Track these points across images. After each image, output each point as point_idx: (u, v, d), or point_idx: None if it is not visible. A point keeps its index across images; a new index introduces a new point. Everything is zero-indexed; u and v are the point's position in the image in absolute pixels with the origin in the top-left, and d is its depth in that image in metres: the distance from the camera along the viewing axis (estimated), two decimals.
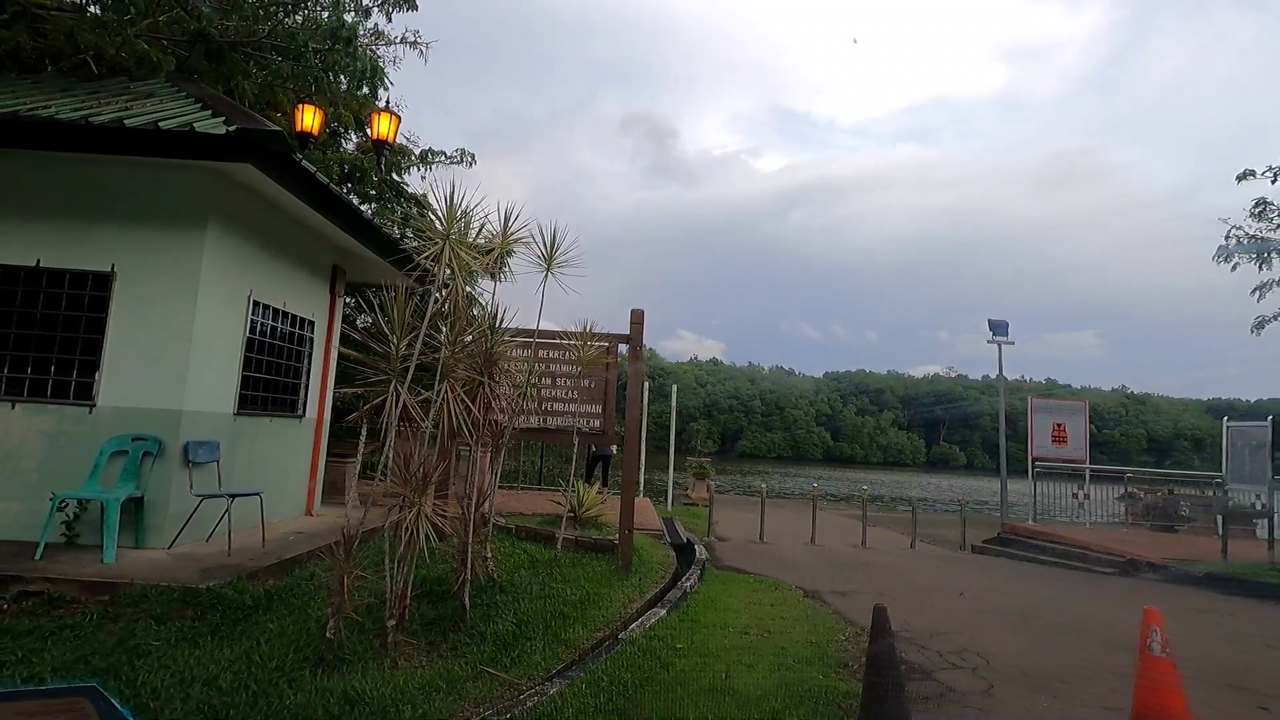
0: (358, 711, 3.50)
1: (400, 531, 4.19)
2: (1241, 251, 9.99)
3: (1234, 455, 12.32)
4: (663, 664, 4.57)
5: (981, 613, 7.14)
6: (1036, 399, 15.44)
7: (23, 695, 1.06)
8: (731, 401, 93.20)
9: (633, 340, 7.61)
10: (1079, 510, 14.63)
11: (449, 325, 4.61)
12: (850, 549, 12.11)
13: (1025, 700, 4.30)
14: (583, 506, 8.75)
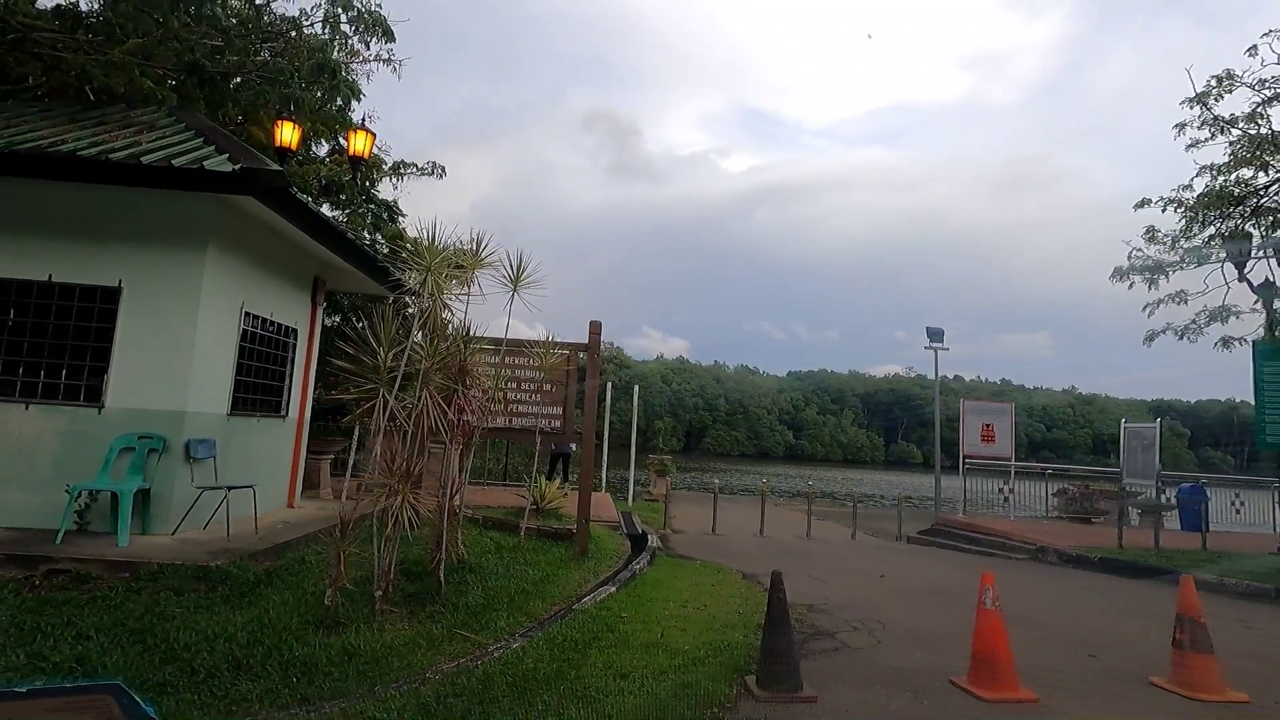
0: (354, 662, 4.29)
1: (388, 516, 4.97)
2: (1133, 272, 11.28)
3: (1129, 453, 13.71)
4: (609, 628, 5.43)
5: (895, 591, 8.15)
6: (968, 401, 16.71)
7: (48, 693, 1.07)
8: (696, 400, 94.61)
9: (591, 348, 8.45)
10: (1004, 504, 15.95)
11: (428, 340, 5.39)
12: (796, 540, 13.11)
13: (902, 651, 5.27)
14: (544, 500, 9.55)
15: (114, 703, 1.05)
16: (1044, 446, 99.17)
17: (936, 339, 16.56)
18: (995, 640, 4.39)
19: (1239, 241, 11.36)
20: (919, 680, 4.61)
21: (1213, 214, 10.93)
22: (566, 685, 4.14)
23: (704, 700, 3.98)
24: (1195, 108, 10.11)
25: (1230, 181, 10.55)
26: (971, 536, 13.81)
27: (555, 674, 4.30)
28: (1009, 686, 4.29)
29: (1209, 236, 11.08)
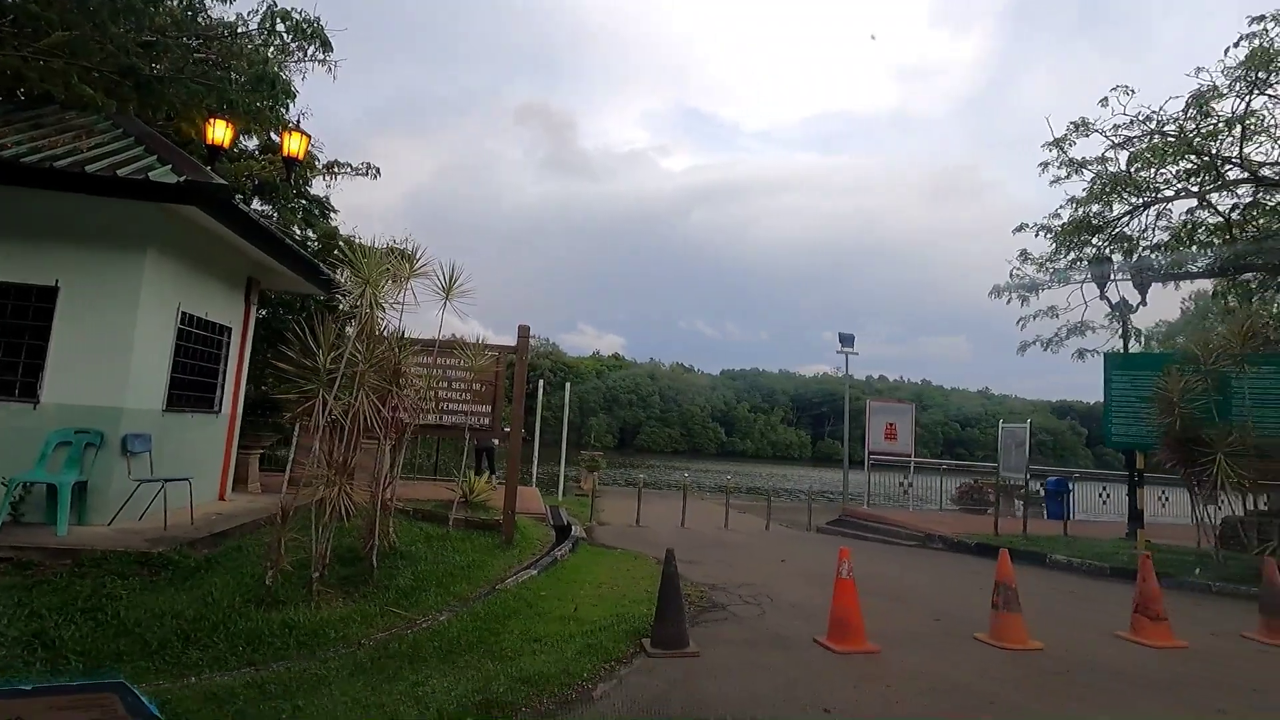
0: (294, 634, 4.80)
1: (325, 506, 5.47)
2: (1009, 290, 12.74)
3: (1004, 450, 15.33)
4: (528, 604, 6.09)
5: (791, 573, 9.10)
6: (874, 402, 18.09)
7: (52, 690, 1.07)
8: (631, 397, 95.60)
9: (519, 351, 9.05)
10: (904, 496, 17.43)
11: (365, 345, 5.90)
12: (714, 531, 14.02)
13: (782, 620, 6.15)
14: (473, 493, 10.09)
15: (118, 701, 1.06)
16: (959, 444, 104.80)
17: (847, 344, 17.88)
18: (848, 604, 5.30)
19: (1099, 265, 12.96)
20: (790, 640, 5.48)
21: (1076, 240, 12.47)
22: (486, 649, 4.79)
23: (605, 657, 4.71)
24: (1054, 150, 11.60)
25: (1090, 212, 12.09)
26: (872, 526, 15.11)
27: (477, 640, 4.93)
28: (857, 641, 5.21)
29: (1073, 260, 12.62)
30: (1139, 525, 12.69)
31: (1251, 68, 9.96)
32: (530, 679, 4.17)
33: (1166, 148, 10.90)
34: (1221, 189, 11.40)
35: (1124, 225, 12.42)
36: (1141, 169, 11.24)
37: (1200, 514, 10.07)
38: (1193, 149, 10.72)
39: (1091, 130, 11.39)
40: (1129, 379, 11.74)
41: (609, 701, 4.03)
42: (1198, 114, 10.62)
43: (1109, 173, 11.53)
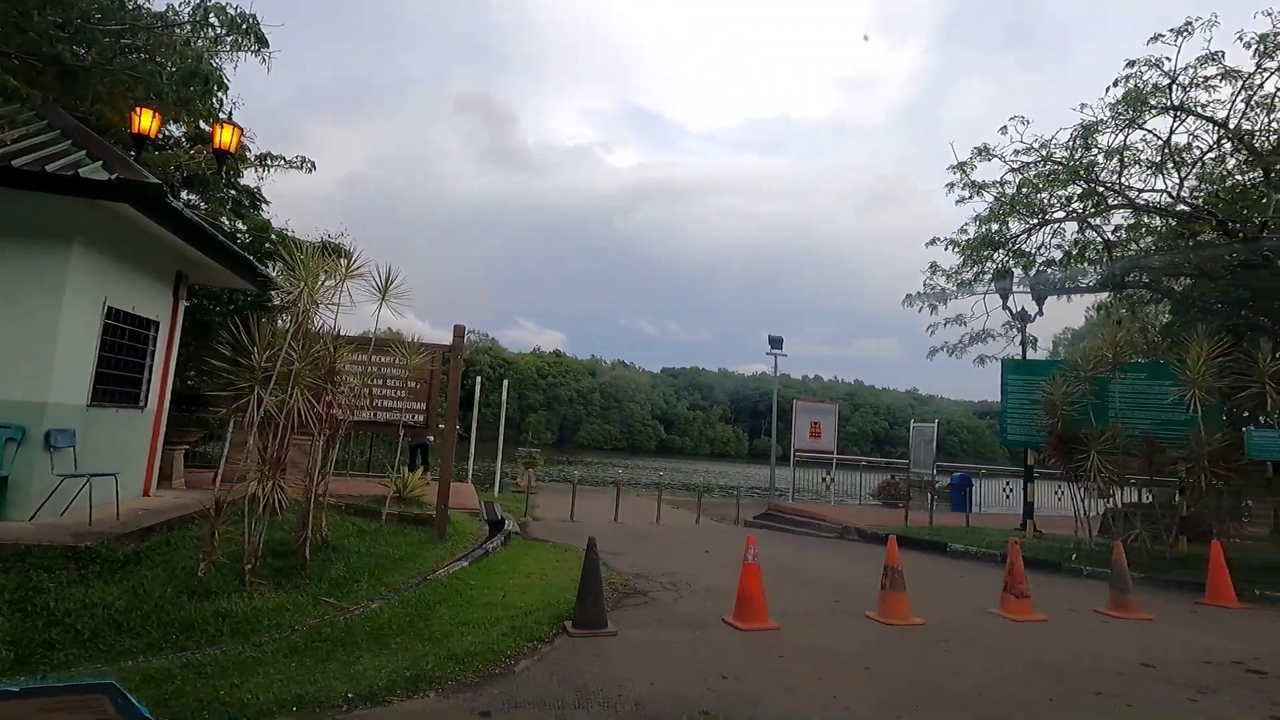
0: (227, 622, 5.00)
1: (259, 499, 5.65)
2: (920, 299, 13.74)
3: (915, 448, 16.47)
4: (458, 592, 6.41)
5: (713, 563, 9.66)
6: (799, 402, 19.01)
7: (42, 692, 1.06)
8: (571, 394, 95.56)
9: (455, 350, 9.31)
10: (826, 491, 18.41)
11: (300, 344, 6.08)
12: (646, 525, 14.52)
13: (696, 603, 6.67)
14: (407, 488, 10.26)
15: (108, 702, 1.05)
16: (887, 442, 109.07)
17: (776, 346, 18.73)
18: (752, 587, 5.86)
19: (1000, 278, 14.09)
20: (700, 620, 6.00)
21: (980, 255, 13.55)
22: (416, 632, 5.10)
23: (529, 637, 5.10)
24: (958, 173, 12.64)
25: (992, 230, 13.17)
26: (796, 520, 15.94)
27: (408, 624, 5.24)
28: (760, 619, 5.77)
29: (977, 273, 13.70)
30: (1030, 517, 13.93)
31: (1127, 105, 11.13)
32: (457, 657, 4.53)
33: (1055, 174, 12.03)
34: (1101, 213, 12.64)
35: (1022, 242, 13.57)
36: (1032, 193, 12.35)
37: (1077, 506, 11.21)
38: (1078, 176, 11.87)
39: (992, 155, 12.45)
40: (1023, 384, 12.88)
41: (529, 675, 4.43)
42: (1082, 145, 11.78)
43: (1007, 195, 12.61)
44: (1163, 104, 11.02)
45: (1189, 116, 11.13)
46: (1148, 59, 10.81)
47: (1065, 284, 14.52)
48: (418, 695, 3.94)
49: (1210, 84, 10.94)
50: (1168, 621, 6.91)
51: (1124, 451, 10.54)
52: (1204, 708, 4.39)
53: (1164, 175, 11.59)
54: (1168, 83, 10.74)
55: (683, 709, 3.90)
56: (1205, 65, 10.81)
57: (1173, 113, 11.27)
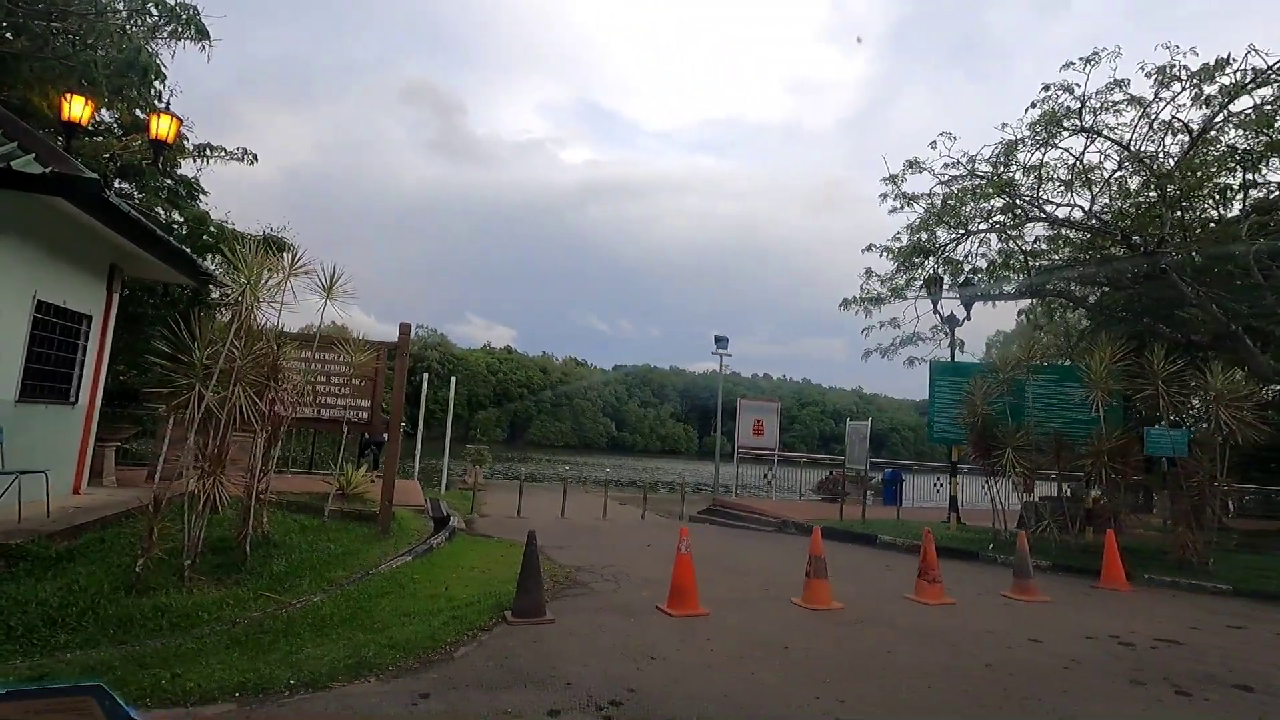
0: (166, 616, 5.06)
1: (199, 495, 5.69)
2: (856, 303, 14.43)
3: (850, 444, 17.23)
4: (400, 585, 6.57)
5: (654, 556, 9.99)
6: (743, 400, 19.58)
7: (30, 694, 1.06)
8: (522, 390, 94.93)
9: (400, 348, 9.38)
10: (768, 486, 19.04)
11: (243, 342, 6.13)
12: (593, 521, 14.78)
13: (634, 593, 6.99)
14: (351, 485, 10.27)
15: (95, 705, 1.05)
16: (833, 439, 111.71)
17: (722, 346, 19.25)
18: (684, 575, 6.21)
19: (931, 284, 14.88)
20: (636, 608, 6.31)
21: (912, 261, 14.30)
22: (358, 623, 5.26)
23: (469, 626, 5.32)
24: (890, 185, 13.34)
25: (922, 239, 13.93)
26: (737, 514, 16.46)
27: (350, 616, 5.40)
28: (691, 606, 6.12)
29: (909, 279, 14.46)
30: (954, 510, 14.77)
31: (1043, 126, 11.96)
32: (398, 645, 4.72)
33: (980, 189, 12.82)
34: (1019, 226, 13.52)
35: (951, 250, 14.39)
36: (958, 205, 13.13)
37: (995, 499, 12.00)
38: (1000, 191, 12.68)
39: (922, 168, 13.18)
40: (949, 384, 13.66)
41: (468, 659, 4.65)
42: (1004, 161, 12.59)
43: (935, 206, 13.36)
44: (1075, 126, 11.88)
45: (1098, 138, 12.04)
46: (1061, 83, 11.66)
47: (991, 291, 15.43)
48: (359, 680, 4.13)
49: (1117, 108, 11.87)
50: (1063, 603, 7.58)
51: (1036, 448, 11.35)
52: (1074, 674, 4.94)
53: (1074, 193, 12.47)
54: (1079, 106, 11.60)
55: (611, 686, 4.20)
56: (1113, 91, 11.71)
57: (1084, 134, 12.17)
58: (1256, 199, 13.41)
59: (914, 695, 4.39)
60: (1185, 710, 4.34)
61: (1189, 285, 11.75)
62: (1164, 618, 7.09)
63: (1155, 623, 6.77)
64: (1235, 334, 12.10)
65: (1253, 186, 13.31)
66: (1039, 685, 4.64)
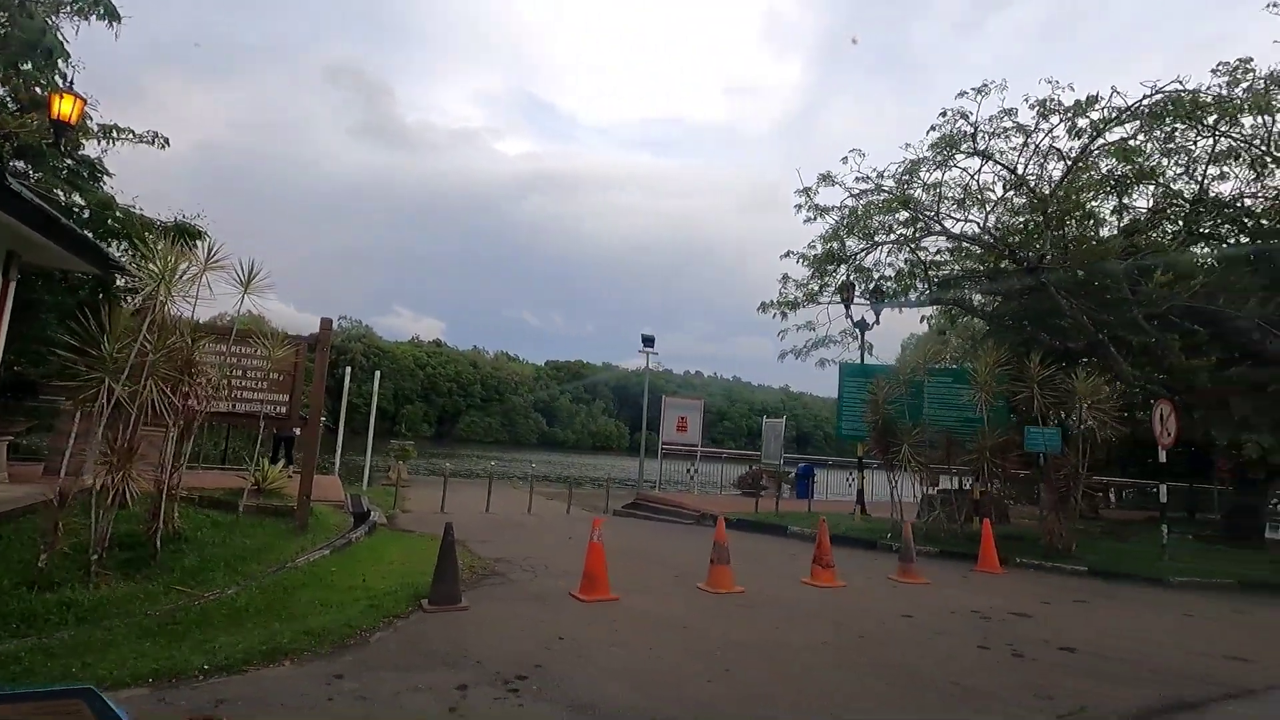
0: (73, 611, 5.06)
1: (107, 490, 5.66)
2: (772, 307, 15.22)
3: (765, 441, 18.11)
4: (318, 578, 6.67)
5: (575, 548, 10.29)
6: (668, 398, 20.19)
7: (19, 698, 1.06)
8: (451, 385, 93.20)
9: (321, 343, 9.36)
10: (691, 481, 19.71)
11: (156, 335, 6.09)
12: (518, 515, 14.98)
13: (550, 582, 7.33)
14: (266, 480, 10.16)
15: (86, 707, 1.05)
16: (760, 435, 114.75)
17: (649, 345, 19.78)
18: (596, 563, 6.61)
19: (843, 290, 15.82)
20: (550, 595, 6.66)
21: (826, 269, 15.18)
22: (274, 613, 5.39)
23: (386, 614, 5.54)
24: (804, 196, 14.18)
25: (835, 248, 14.82)
26: (660, 508, 17.01)
27: (265, 607, 5.51)
28: (602, 591, 6.52)
29: (822, 285, 15.35)
30: (860, 502, 15.78)
31: (942, 148, 12.99)
32: (314, 632, 4.90)
33: (887, 203, 13.77)
34: (921, 238, 14.61)
35: (861, 259, 15.35)
36: (866, 218, 14.08)
37: (894, 492, 12.96)
38: (904, 206, 13.67)
39: (835, 182, 14.06)
40: (857, 385, 14.59)
41: (383, 644, 4.90)
42: (908, 179, 13.58)
43: (846, 218, 14.27)
44: (969, 149, 12.95)
45: (990, 161, 13.16)
46: (957, 110, 12.69)
47: (899, 298, 16.53)
48: (273, 665, 4.31)
49: (1006, 134, 13.01)
50: (940, 585, 8.41)
51: (930, 445, 12.35)
52: (933, 641, 5.62)
53: (965, 210, 13.59)
54: (972, 132, 12.66)
55: (519, 663, 4.54)
56: (1002, 119, 12.84)
57: (978, 157, 13.28)
58: (1128, 222, 14.96)
59: (792, 664, 4.93)
60: (1015, 667, 5.06)
61: (1065, 299, 13.02)
62: (1023, 595, 8.00)
63: (1014, 599, 7.65)
64: (1103, 343, 13.48)
65: (1125, 210, 14.86)
66: (900, 651, 5.28)
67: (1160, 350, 13.74)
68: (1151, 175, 13.46)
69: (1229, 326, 13.61)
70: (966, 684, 4.60)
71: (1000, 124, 12.88)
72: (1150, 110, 11.54)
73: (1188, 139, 13.34)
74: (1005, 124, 12.82)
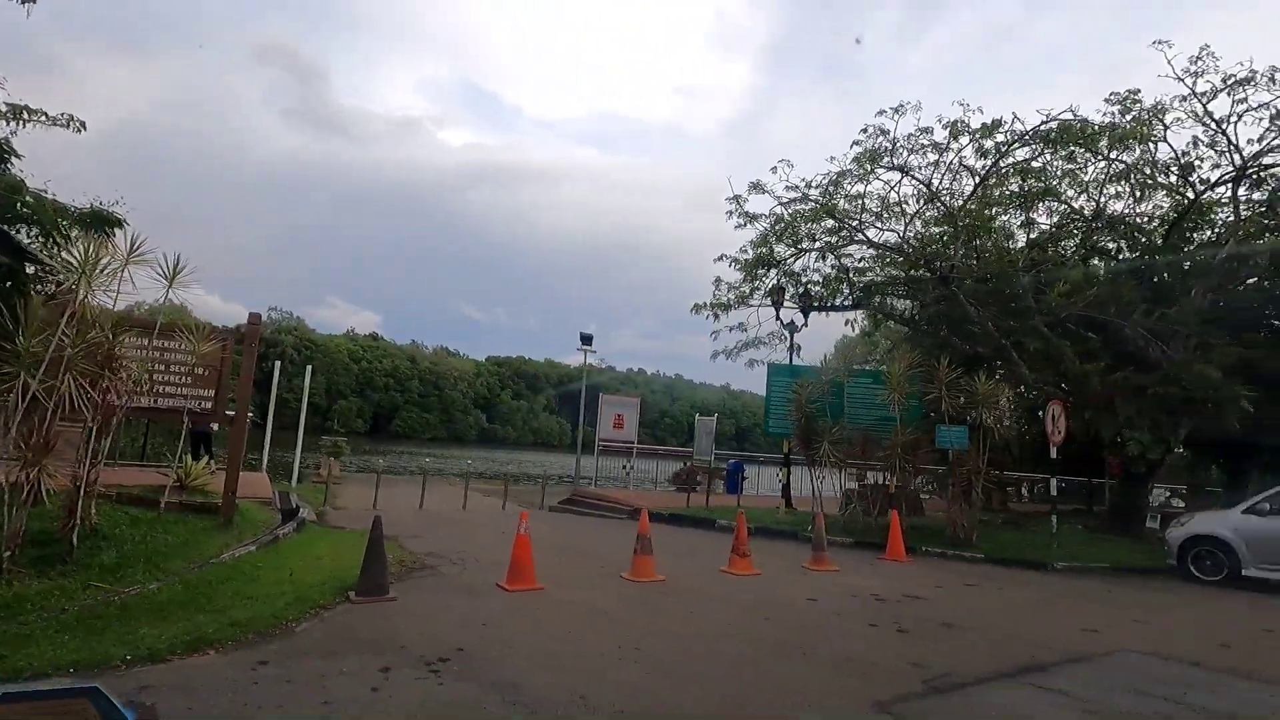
0: None
1: (21, 486, 5.59)
2: (705, 308, 15.79)
3: (697, 438, 18.71)
4: (243, 573, 6.72)
5: (507, 543, 10.52)
6: (605, 396, 20.54)
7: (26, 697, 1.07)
8: (388, 380, 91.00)
9: (249, 338, 9.29)
10: (626, 477, 20.12)
11: (75, 330, 6.03)
12: (452, 512, 15.02)
13: (478, 574, 7.56)
14: (189, 477, 9.97)
15: (91, 706, 1.07)
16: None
17: (587, 343, 20.10)
18: (522, 554, 6.90)
19: (773, 294, 16.50)
20: (477, 586, 6.91)
21: (757, 272, 15.82)
22: (198, 606, 5.46)
23: (312, 605, 5.68)
24: (734, 204, 14.79)
25: (764, 253, 15.46)
26: (595, 504, 17.34)
27: (189, 600, 5.57)
28: (528, 581, 6.81)
29: (753, 288, 15.99)
30: (786, 496, 16.51)
31: (864, 162, 13.78)
32: (239, 623, 5.02)
33: (814, 212, 14.49)
34: (844, 246, 15.43)
35: (790, 264, 16.06)
36: (794, 225, 14.78)
37: (814, 486, 13.67)
38: (829, 215, 14.42)
39: (764, 190, 14.70)
40: (782, 384, 15.27)
41: (308, 634, 5.06)
42: (833, 190, 14.33)
43: (773, 225, 14.94)
44: (889, 164, 13.77)
45: (907, 176, 14.02)
46: (878, 127, 13.48)
47: (827, 302, 17.34)
48: (198, 654, 4.44)
49: (924, 151, 13.89)
50: (849, 571, 9.04)
51: (848, 442, 13.11)
52: (830, 621, 6.17)
53: (886, 221, 14.45)
54: (891, 148, 13.48)
55: (442, 647, 4.80)
56: (920, 136, 13.70)
57: (898, 171, 14.12)
58: (1035, 236, 16.17)
59: (702, 645, 5.36)
60: (898, 641, 5.63)
61: (974, 306, 14.01)
62: (921, 580, 8.71)
63: (912, 584, 8.33)
64: (1007, 348, 14.56)
65: (1031, 225, 16.05)
66: (799, 630, 5.78)
67: (1058, 355, 14.92)
68: (1054, 194, 14.62)
69: (1118, 334, 14.90)
70: (853, 655, 5.12)
71: (919, 140, 13.75)
72: (1044, 136, 12.57)
73: (1085, 161, 14.54)
74: (923, 141, 13.69)
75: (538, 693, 4.11)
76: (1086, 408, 15.06)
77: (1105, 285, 15.37)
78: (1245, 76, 13.12)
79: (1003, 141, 12.83)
